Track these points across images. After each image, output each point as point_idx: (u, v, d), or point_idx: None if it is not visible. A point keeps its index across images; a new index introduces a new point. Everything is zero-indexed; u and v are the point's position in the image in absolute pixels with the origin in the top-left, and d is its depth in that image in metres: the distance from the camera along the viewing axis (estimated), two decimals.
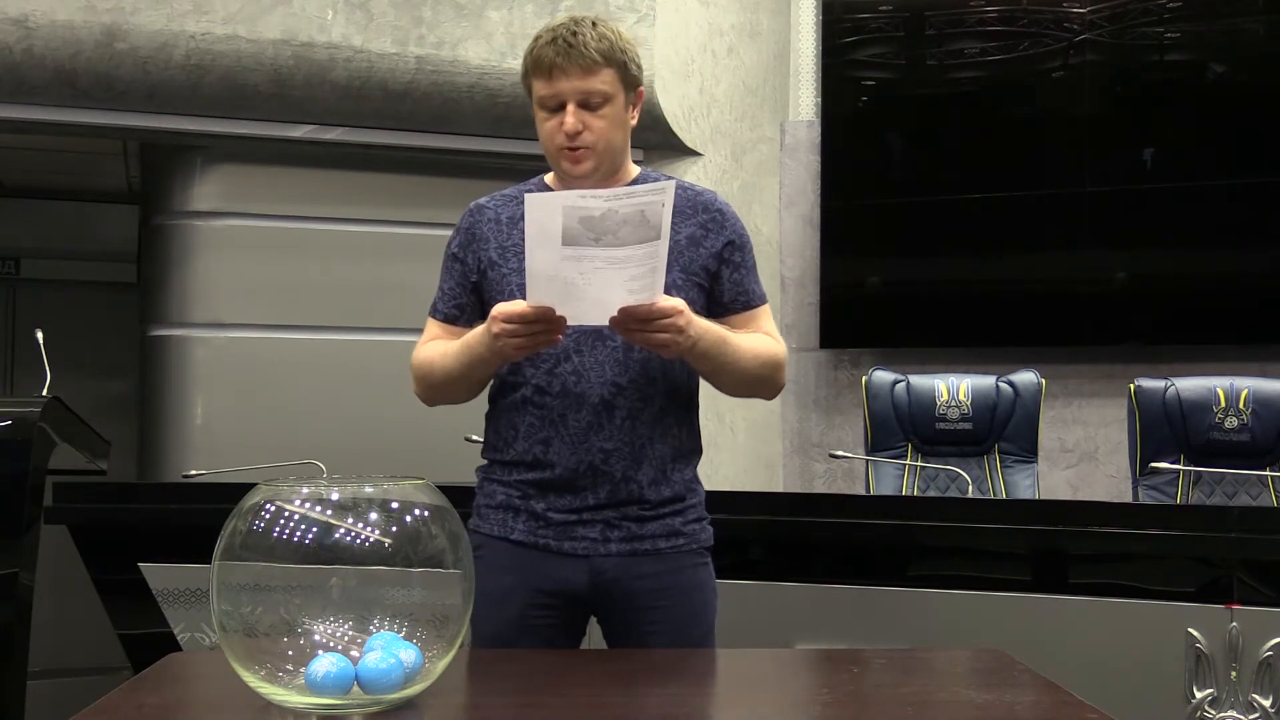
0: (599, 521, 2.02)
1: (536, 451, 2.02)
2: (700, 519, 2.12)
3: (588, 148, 2.01)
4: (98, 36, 4.05)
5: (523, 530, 2.04)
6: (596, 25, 2.01)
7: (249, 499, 1.55)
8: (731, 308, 2.09)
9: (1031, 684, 1.69)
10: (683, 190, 2.09)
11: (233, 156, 4.57)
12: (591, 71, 1.98)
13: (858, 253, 5.19)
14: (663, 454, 2.05)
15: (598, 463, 2.00)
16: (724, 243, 2.08)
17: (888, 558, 2.93)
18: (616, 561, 2.02)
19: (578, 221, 1.77)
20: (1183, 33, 4.79)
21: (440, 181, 4.73)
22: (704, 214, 2.09)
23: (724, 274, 2.09)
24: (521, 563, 2.03)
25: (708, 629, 2.09)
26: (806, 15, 5.34)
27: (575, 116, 1.99)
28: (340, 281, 4.62)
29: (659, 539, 2.05)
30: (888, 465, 3.99)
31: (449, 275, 2.13)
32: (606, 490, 2.01)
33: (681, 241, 2.04)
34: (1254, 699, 2.61)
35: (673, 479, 2.07)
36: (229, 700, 1.56)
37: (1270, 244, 4.66)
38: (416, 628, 1.56)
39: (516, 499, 2.05)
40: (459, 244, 2.13)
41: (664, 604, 2.03)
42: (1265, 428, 3.64)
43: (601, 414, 2.00)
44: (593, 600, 2.05)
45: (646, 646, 2.02)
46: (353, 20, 4.35)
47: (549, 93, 2.00)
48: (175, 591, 3.05)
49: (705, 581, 2.10)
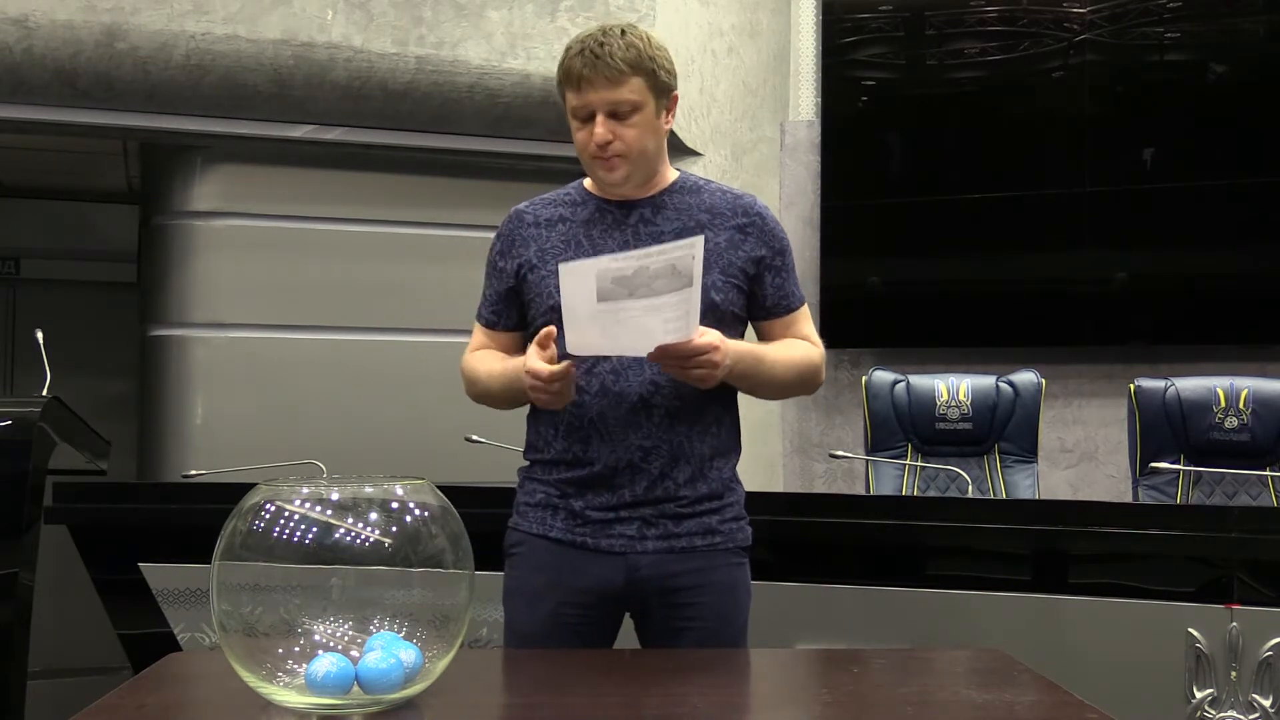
0: (636, 519, 2.04)
1: (576, 450, 2.06)
2: (738, 518, 2.14)
3: (620, 155, 2.04)
4: (98, 36, 4.05)
5: (561, 528, 2.07)
6: (625, 34, 2.05)
7: (249, 499, 1.55)
8: (774, 312, 2.14)
9: (1031, 684, 1.69)
10: (723, 193, 2.15)
11: (233, 156, 4.57)
12: (618, 82, 2.01)
13: (858, 253, 5.19)
14: (701, 452, 2.07)
15: (636, 460, 2.03)
16: (765, 247, 2.12)
17: (888, 558, 2.93)
18: (653, 559, 2.04)
19: (611, 281, 1.83)
20: (1183, 33, 4.79)
21: (440, 181, 4.73)
22: (743, 217, 2.12)
23: (766, 278, 2.12)
24: (558, 560, 2.06)
25: (740, 628, 2.11)
26: (806, 15, 5.35)
27: (605, 126, 2.02)
28: (340, 281, 4.61)
29: (695, 536, 2.07)
30: (888, 465, 3.99)
31: (489, 282, 2.19)
32: (644, 487, 2.04)
33: (721, 244, 2.08)
34: (1254, 699, 2.61)
35: (710, 477, 2.09)
36: (229, 700, 1.56)
37: (1270, 244, 4.66)
38: (416, 628, 1.56)
39: (556, 497, 2.08)
40: (499, 250, 2.17)
41: (699, 601, 2.06)
42: (1265, 428, 3.64)
43: (640, 412, 2.03)
44: (628, 597, 2.07)
45: (679, 645, 2.03)
46: (353, 20, 4.35)
47: (579, 103, 2.04)
48: (175, 591, 3.04)
49: (740, 581, 2.12)
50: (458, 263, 4.52)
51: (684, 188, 2.14)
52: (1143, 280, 4.81)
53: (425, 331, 4.59)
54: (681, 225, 2.08)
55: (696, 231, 2.05)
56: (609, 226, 2.09)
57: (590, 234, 2.09)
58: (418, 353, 4.56)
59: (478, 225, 4.50)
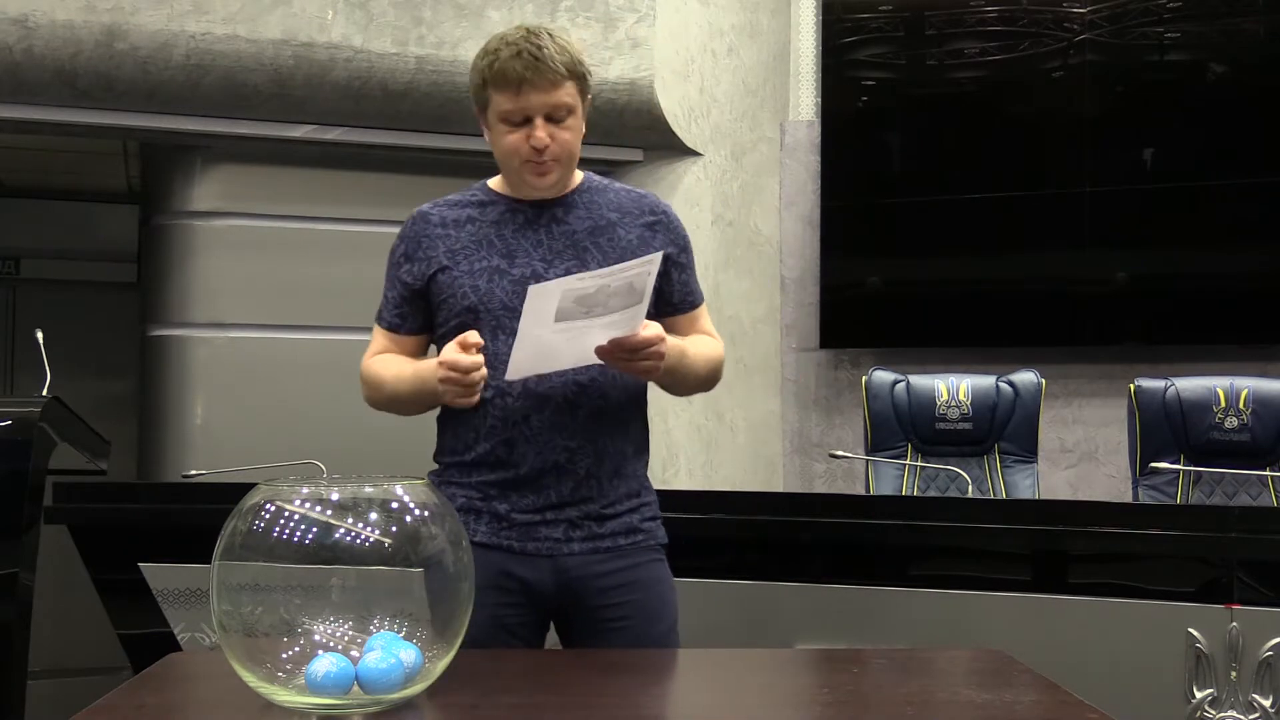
0: (562, 521, 2.04)
1: (500, 452, 2.03)
2: (655, 517, 2.15)
3: (554, 159, 2.03)
4: (98, 36, 4.05)
5: (485, 532, 2.04)
6: (554, 36, 2.02)
7: (249, 499, 1.55)
8: (680, 308, 2.16)
9: (1031, 684, 1.69)
10: (626, 192, 2.16)
11: (233, 156, 4.57)
12: (558, 85, 1.99)
13: (858, 253, 5.19)
14: (623, 450, 2.08)
15: (562, 461, 2.02)
16: (672, 244, 2.13)
17: (888, 558, 2.93)
18: (579, 560, 2.04)
19: (573, 301, 1.84)
20: (1183, 33, 4.79)
21: (440, 181, 4.68)
22: (650, 215, 2.14)
23: (673, 275, 2.13)
24: (486, 563, 2.01)
25: (670, 625, 2.11)
26: (806, 15, 5.35)
27: (544, 130, 2.00)
28: (340, 281, 4.61)
29: (619, 536, 2.07)
30: (888, 465, 3.99)
31: (392, 284, 2.15)
32: (570, 487, 2.03)
33: (633, 241, 2.09)
34: (1254, 699, 2.61)
35: (628, 474, 2.09)
36: (229, 700, 1.56)
37: (1270, 244, 4.66)
38: (416, 628, 1.56)
39: (478, 500, 2.05)
40: (403, 253, 2.14)
41: (629, 599, 2.05)
42: (1265, 428, 3.64)
43: (565, 412, 2.02)
44: (557, 599, 2.06)
45: (609, 645, 2.03)
46: (353, 20, 4.35)
47: (514, 107, 2.00)
48: (175, 591, 3.04)
49: (664, 577, 2.12)
50: None
51: (591, 187, 2.14)
52: (1143, 280, 4.81)
53: None
54: (593, 224, 2.08)
55: (609, 230, 2.08)
56: (520, 226, 2.08)
57: (502, 234, 2.08)
58: None
59: None
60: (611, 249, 2.07)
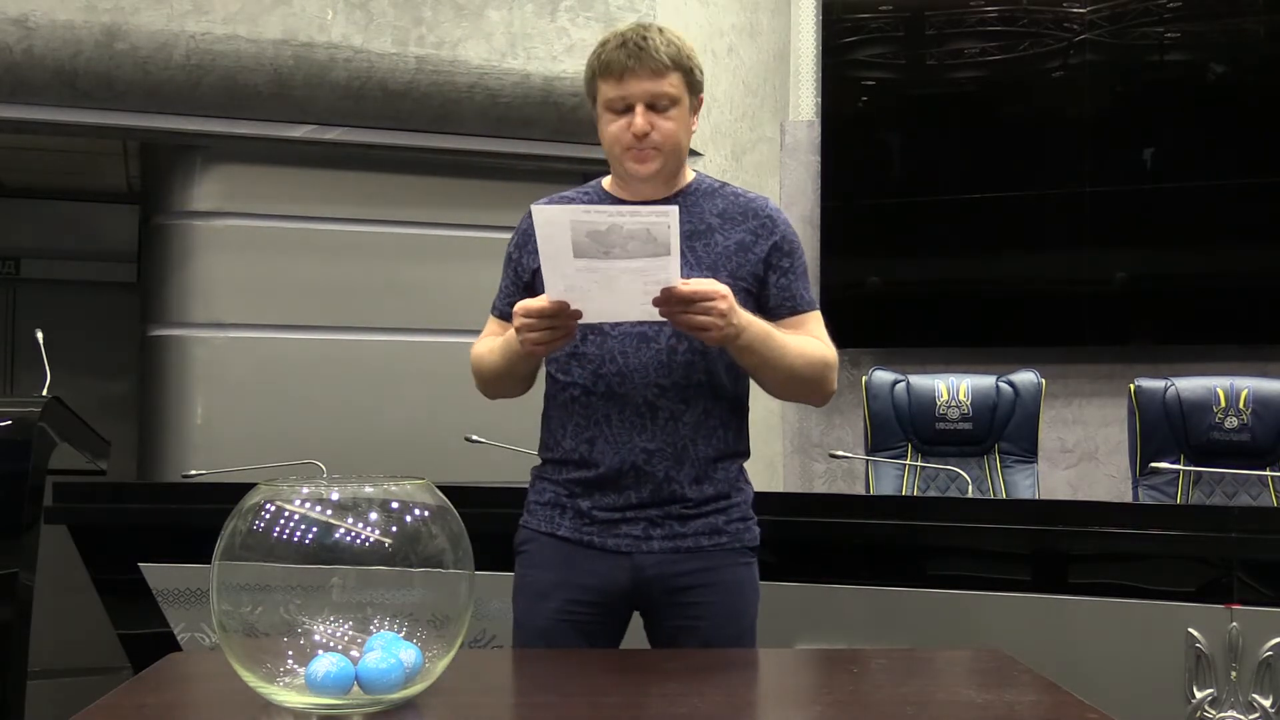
0: (642, 520, 2.05)
1: (582, 450, 2.07)
2: (745, 518, 2.14)
3: (655, 148, 2.05)
4: (98, 36, 4.05)
5: (568, 527, 2.08)
6: (664, 31, 2.06)
7: (249, 499, 1.55)
8: (777, 312, 2.11)
9: (1031, 684, 1.69)
10: (735, 196, 2.16)
11: (233, 156, 4.56)
12: (661, 74, 2.02)
13: (858, 253, 5.19)
14: (705, 454, 2.08)
15: (640, 462, 2.04)
16: (771, 248, 2.11)
17: (888, 558, 2.93)
18: (658, 558, 2.05)
19: (585, 235, 1.81)
20: (1183, 33, 4.80)
21: (440, 181, 4.73)
22: (754, 220, 2.13)
23: (770, 279, 2.12)
24: (565, 558, 2.07)
25: (747, 627, 2.11)
26: (806, 15, 5.35)
27: (644, 117, 2.02)
28: (340, 281, 4.61)
29: (701, 536, 2.07)
30: (888, 465, 3.99)
31: (505, 274, 2.21)
32: (649, 489, 2.05)
33: (731, 247, 2.09)
34: (1254, 699, 2.61)
35: (715, 478, 2.09)
36: (229, 700, 1.56)
37: (1270, 244, 4.66)
38: (416, 628, 1.56)
39: (564, 496, 2.10)
40: (515, 245, 2.19)
41: (705, 600, 2.06)
42: (1265, 428, 3.64)
43: (645, 415, 2.04)
44: (635, 597, 2.08)
45: (686, 644, 2.04)
46: (353, 20, 4.35)
47: (618, 94, 2.04)
48: (175, 591, 3.04)
49: (746, 580, 2.12)
50: (458, 263, 4.53)
51: (699, 189, 2.15)
52: (1143, 280, 4.81)
53: (425, 331, 4.59)
54: (692, 228, 2.09)
55: (707, 235, 2.08)
56: None
57: None
58: (418, 353, 4.56)
59: (478, 225, 4.51)
60: (706, 254, 2.07)
